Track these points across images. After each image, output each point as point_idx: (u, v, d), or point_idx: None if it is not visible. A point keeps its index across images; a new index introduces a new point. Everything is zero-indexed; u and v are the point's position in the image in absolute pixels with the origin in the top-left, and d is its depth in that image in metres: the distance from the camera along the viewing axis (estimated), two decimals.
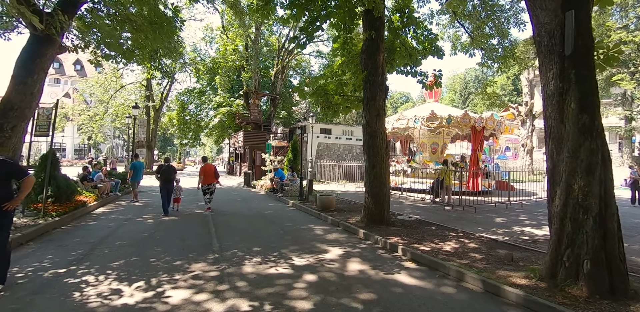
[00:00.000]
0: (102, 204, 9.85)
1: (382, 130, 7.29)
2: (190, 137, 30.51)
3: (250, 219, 8.01)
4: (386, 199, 7.27)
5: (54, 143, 7.92)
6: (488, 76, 75.31)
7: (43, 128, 7.33)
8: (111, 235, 6.16)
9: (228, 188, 16.26)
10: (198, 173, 9.34)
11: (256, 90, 22.74)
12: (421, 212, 9.20)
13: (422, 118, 12.56)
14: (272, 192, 12.99)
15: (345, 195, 12.62)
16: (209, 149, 74.08)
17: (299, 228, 7.00)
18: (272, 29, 30.32)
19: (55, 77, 57.01)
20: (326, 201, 8.96)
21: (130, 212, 8.73)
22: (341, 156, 22.80)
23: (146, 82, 25.72)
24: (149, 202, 10.69)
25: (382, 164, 7.21)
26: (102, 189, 10.37)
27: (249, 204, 10.63)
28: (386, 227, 6.95)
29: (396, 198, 11.99)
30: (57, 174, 8.05)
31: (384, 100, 7.37)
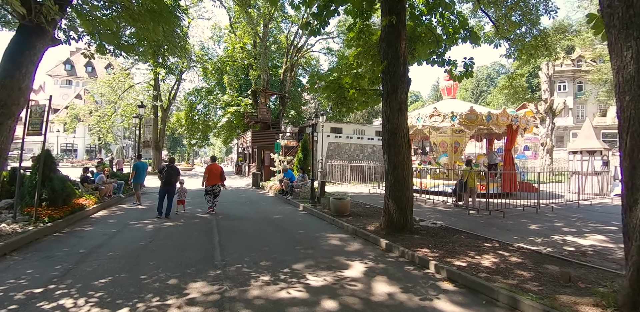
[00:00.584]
0: (102, 207, 9.31)
1: (404, 126, 6.52)
2: (199, 137, 30.15)
3: (258, 225, 7.33)
4: (409, 204, 6.51)
5: (44, 143, 7.37)
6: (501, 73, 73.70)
7: (36, 127, 6.80)
8: (105, 244, 5.55)
9: (236, 189, 15.66)
10: (204, 172, 8.95)
11: (265, 88, 22.14)
12: (444, 217, 8.40)
13: (461, 115, 11.67)
14: (281, 194, 12.32)
15: (359, 197, 11.85)
16: (218, 149, 74.08)
17: (312, 236, 6.28)
18: (280, 26, 29.75)
19: (67, 78, 57.76)
20: (340, 205, 8.22)
21: (131, 217, 8.15)
22: (352, 155, 22.02)
23: (154, 81, 25.40)
24: (152, 205, 10.11)
25: (405, 164, 6.45)
26: (104, 191, 9.85)
27: (257, 207, 9.97)
28: (410, 235, 6.19)
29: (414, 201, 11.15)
30: (52, 176, 7.52)
31: (406, 93, 6.60)
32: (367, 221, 7.62)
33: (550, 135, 27.78)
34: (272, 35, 26.80)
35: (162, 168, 8.46)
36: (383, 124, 6.70)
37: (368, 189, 14.50)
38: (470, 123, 11.80)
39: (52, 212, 6.93)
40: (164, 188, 8.15)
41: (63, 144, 49.14)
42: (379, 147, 23.36)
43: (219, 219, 7.86)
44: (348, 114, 9.13)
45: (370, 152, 22.77)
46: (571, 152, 17.48)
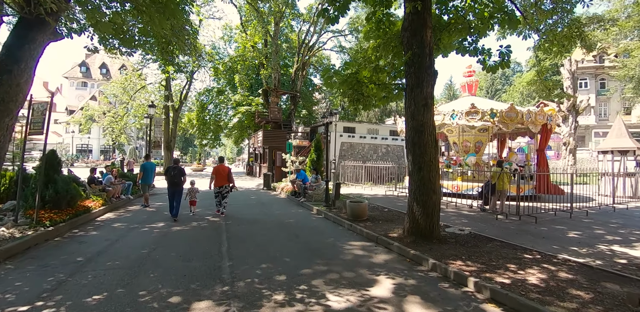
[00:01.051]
0: (110, 209, 8.99)
1: (430, 123, 5.91)
2: (210, 137, 29.96)
3: (271, 230, 6.82)
4: (436, 210, 5.90)
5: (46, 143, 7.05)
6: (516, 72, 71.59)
7: (37, 125, 6.46)
8: (105, 251, 5.13)
9: (247, 190, 15.25)
10: (211, 173, 8.71)
11: (276, 88, 21.72)
12: (471, 223, 7.74)
13: (500, 113, 10.94)
14: (293, 196, 11.82)
15: (375, 200, 11.24)
16: (229, 150, 74.34)
17: (330, 244, 5.72)
18: (291, 25, 29.34)
19: (82, 80, 58.85)
20: (358, 209, 7.65)
21: (137, 220, 7.77)
22: (365, 156, 21.39)
23: (165, 82, 25.32)
24: (160, 207, 9.76)
25: (431, 165, 5.84)
26: (111, 192, 9.53)
27: (268, 210, 9.48)
28: (438, 244, 5.58)
29: None
30: (56, 177, 7.19)
31: (432, 87, 5.99)
32: (387, 226, 7.03)
33: (574, 134, 26.54)
34: (283, 34, 26.39)
35: (167, 169, 8.24)
36: (407, 121, 6.10)
37: (384, 191, 13.86)
38: (510, 121, 11.01)
39: (54, 215, 6.59)
40: (170, 189, 7.95)
41: (79, 144, 50.05)
42: (393, 147, 22.65)
43: (228, 223, 7.40)
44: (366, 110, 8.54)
45: (385, 152, 22.10)
46: (600, 152, 16.45)
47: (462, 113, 10.99)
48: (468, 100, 13.94)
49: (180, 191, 8.01)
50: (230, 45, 31.18)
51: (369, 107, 8.00)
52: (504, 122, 10.89)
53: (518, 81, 64.25)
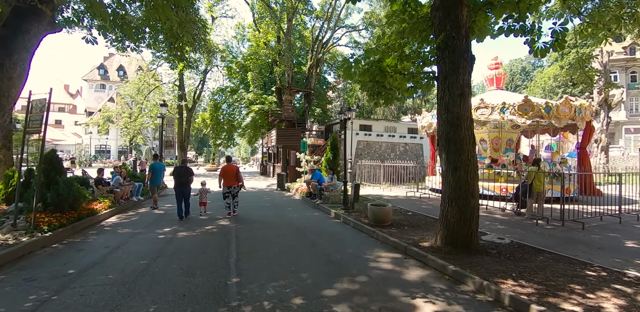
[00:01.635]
0: (117, 211, 8.56)
1: (467, 116, 5.13)
2: (224, 137, 29.72)
3: (285, 237, 6.16)
4: (475, 216, 5.11)
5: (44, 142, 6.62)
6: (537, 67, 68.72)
7: (36, 123, 6.03)
8: (102, 261, 4.59)
9: (260, 191, 14.71)
10: (218, 173, 8.50)
11: (289, 85, 21.13)
12: (508, 229, 6.89)
13: (513, 107, 10.01)
14: (308, 198, 11.16)
15: (396, 202, 10.44)
16: (244, 150, 74.58)
17: (353, 255, 5.01)
18: (304, 22, 28.72)
19: (101, 83, 60.11)
20: (381, 213, 6.91)
21: (143, 223, 7.27)
22: (383, 155, 20.54)
23: (179, 82, 25.19)
24: (169, 209, 9.29)
25: (469, 165, 5.05)
26: (119, 194, 9.12)
27: (282, 213, 8.85)
28: (478, 256, 4.80)
29: None
30: (58, 178, 6.76)
31: (470, 73, 5.19)
32: (414, 233, 6.27)
33: (606, 130, 24.90)
34: (296, 31, 25.77)
35: (175, 169, 8.11)
36: (439, 113, 5.33)
37: (404, 192, 13.03)
38: (563, 116, 10.01)
39: (54, 219, 6.14)
40: (178, 190, 7.90)
41: (97, 145, 51.07)
42: (411, 145, 21.69)
43: (239, 228, 6.79)
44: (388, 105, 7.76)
45: (403, 151, 21.18)
46: None
47: (514, 107, 9.94)
48: (489, 95, 12.97)
49: (188, 191, 7.95)
50: (243, 44, 30.89)
51: (390, 101, 7.24)
52: (558, 117, 9.88)
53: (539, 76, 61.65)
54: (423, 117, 13.99)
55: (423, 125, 13.86)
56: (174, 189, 7.89)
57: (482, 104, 10.82)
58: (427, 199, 11.70)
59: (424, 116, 13.87)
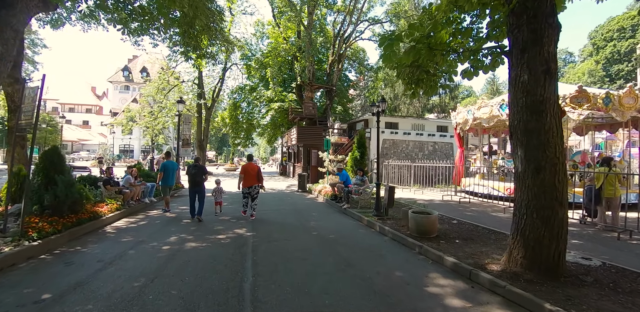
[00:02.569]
0: (125, 214, 7.79)
1: (554, 100, 3.89)
2: (243, 136, 29.13)
3: (311, 252, 5.09)
4: (563, 231, 3.87)
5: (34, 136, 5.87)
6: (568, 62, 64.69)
7: (28, 115, 5.27)
8: (88, 281, 3.69)
9: (280, 193, 13.76)
10: (239, 172, 8.05)
11: (310, 82, 20.14)
12: (586, 245, 5.58)
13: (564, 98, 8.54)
14: (333, 201, 10.09)
15: (433, 207, 9.18)
16: (263, 149, 74.47)
17: (401, 283, 3.86)
18: (325, 17, 27.72)
19: (125, 84, 61.48)
20: (426, 223, 5.72)
21: (149, 230, 6.42)
22: (410, 154, 19.18)
23: (198, 80, 24.77)
24: (182, 212, 8.47)
25: (557, 164, 3.82)
26: (128, 195, 8.37)
27: (305, 220, 7.81)
28: (573, 287, 3.58)
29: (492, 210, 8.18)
30: (58, 178, 6.00)
31: (555, 45, 3.95)
32: (470, 249, 5.06)
33: None
34: (316, 27, 24.73)
35: (188, 168, 7.82)
36: (514, 98, 4.11)
37: (440, 195, 11.71)
38: (627, 109, 8.48)
39: (47, 224, 5.36)
40: (191, 189, 7.62)
41: (121, 145, 52.14)
42: (441, 144, 20.19)
43: (256, 239, 5.78)
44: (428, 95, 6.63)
45: (431, 150, 19.73)
46: None
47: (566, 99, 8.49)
48: None
49: (201, 191, 7.59)
50: (262, 42, 30.23)
51: (433, 90, 6.06)
52: (620, 110, 8.34)
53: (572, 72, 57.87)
54: (458, 113, 12.63)
55: (458, 121, 12.51)
56: (188, 189, 7.65)
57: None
58: (467, 203, 10.35)
59: (458, 112, 12.52)
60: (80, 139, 57.17)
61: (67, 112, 66.52)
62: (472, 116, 11.38)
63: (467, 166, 13.34)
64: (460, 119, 12.35)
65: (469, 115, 11.49)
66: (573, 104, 8.35)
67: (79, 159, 45.98)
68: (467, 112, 11.72)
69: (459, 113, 12.55)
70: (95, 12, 9.28)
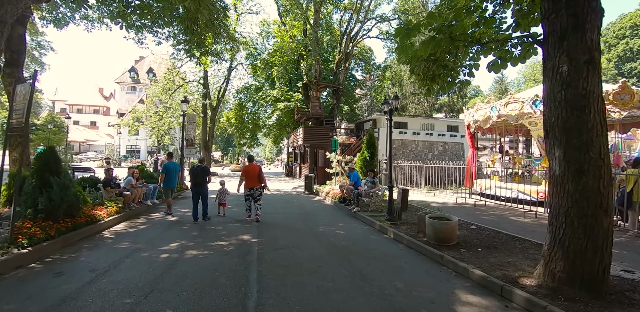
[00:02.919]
0: (125, 218, 7.47)
1: (598, 94, 3.44)
2: (248, 137, 28.86)
3: (322, 261, 4.68)
4: (608, 242, 3.41)
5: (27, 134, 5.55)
6: None
7: (19, 114, 4.95)
8: (75, 297, 3.33)
9: (286, 194, 13.38)
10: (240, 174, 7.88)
11: (317, 81, 19.75)
12: (622, 255, 5.08)
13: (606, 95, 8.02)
14: (342, 204, 9.67)
15: (447, 210, 8.72)
16: (269, 150, 74.29)
17: (425, 301, 3.42)
18: (331, 15, 27.31)
19: (132, 85, 61.79)
20: (445, 230, 5.28)
21: (149, 235, 6.07)
22: (419, 155, 18.67)
23: (203, 80, 24.55)
24: (185, 215, 8.14)
25: (602, 167, 3.36)
26: (129, 197, 8.05)
27: (314, 224, 7.40)
28: (622, 306, 3.11)
29: (511, 213, 7.69)
30: (53, 180, 5.68)
31: (598, 31, 3.50)
32: (494, 258, 4.62)
33: None
34: (322, 26, 24.34)
35: (190, 168, 7.80)
36: (550, 92, 3.66)
37: (453, 198, 11.21)
38: (622, 105, 7.98)
39: (40, 230, 5.03)
40: (194, 190, 7.54)
41: (128, 145, 52.34)
42: (451, 144, 19.65)
43: (261, 246, 5.38)
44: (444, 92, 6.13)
45: (441, 150, 19.19)
46: None
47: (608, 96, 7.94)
48: None
49: (204, 191, 7.53)
50: (268, 41, 29.95)
51: (450, 86, 5.66)
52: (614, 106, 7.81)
53: None
54: (477, 110, 12.05)
55: (476, 119, 11.94)
56: (191, 190, 7.59)
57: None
58: (483, 206, 9.85)
59: (477, 108, 11.95)
60: (87, 139, 57.57)
61: (75, 113, 67.15)
62: (496, 113, 10.81)
63: (482, 167, 12.81)
64: (480, 116, 11.77)
65: (492, 112, 10.93)
66: (616, 101, 7.80)
67: (86, 160, 46.27)
68: (490, 109, 11.13)
69: (477, 110, 11.96)
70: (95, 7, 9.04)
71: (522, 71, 67.17)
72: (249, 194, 7.51)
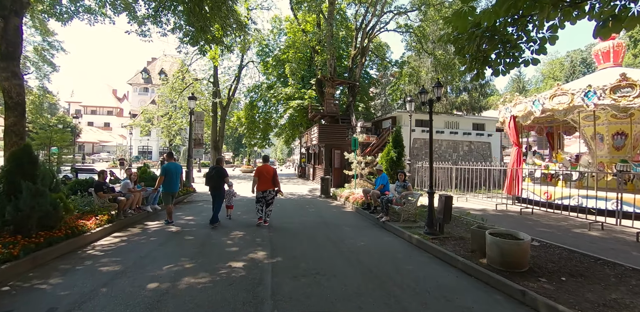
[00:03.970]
0: (117, 227, 6.45)
1: None
2: (259, 137, 27.90)
3: (359, 302, 3.47)
4: None
5: None
6: None
7: None
8: None
9: (301, 198, 12.25)
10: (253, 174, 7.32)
11: (332, 76, 18.58)
12: None
13: None
14: (365, 211, 8.47)
15: (491, 219, 7.41)
16: (280, 151, 73.51)
17: None
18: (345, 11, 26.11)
19: (144, 86, 62.00)
20: (516, 253, 4.02)
21: (140, 252, 4.98)
22: (443, 155, 17.28)
23: (213, 78, 23.77)
24: (189, 224, 7.11)
25: None
26: (124, 203, 7.04)
27: (337, 237, 6.22)
28: None
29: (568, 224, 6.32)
30: (24, 185, 4.67)
31: None
32: (591, 293, 3.39)
33: None
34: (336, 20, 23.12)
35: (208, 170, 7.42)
36: None
37: (492, 204, 9.85)
38: None
39: (2, 247, 4.02)
40: (211, 193, 7.12)
41: (140, 146, 52.32)
42: (477, 144, 18.17)
43: (277, 271, 4.22)
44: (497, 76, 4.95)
45: (467, 150, 17.74)
46: None
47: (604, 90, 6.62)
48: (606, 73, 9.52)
49: (220, 195, 7.13)
50: (279, 38, 28.99)
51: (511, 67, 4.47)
52: None
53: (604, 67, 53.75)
54: (515, 105, 10.71)
55: (514, 114, 10.62)
56: (210, 193, 7.18)
57: (625, 82, 7.52)
58: (529, 214, 8.49)
59: (516, 102, 10.63)
60: (100, 140, 57.96)
61: (89, 114, 67.94)
62: (539, 108, 9.48)
63: (530, 170, 11.34)
64: (519, 112, 10.44)
65: (534, 107, 9.61)
66: None
67: (98, 160, 46.37)
68: (532, 103, 9.80)
69: (516, 104, 10.62)
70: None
71: (541, 69, 64.76)
72: (262, 196, 7.08)
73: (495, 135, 18.05)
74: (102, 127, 66.85)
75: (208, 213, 8.21)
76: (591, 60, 60.23)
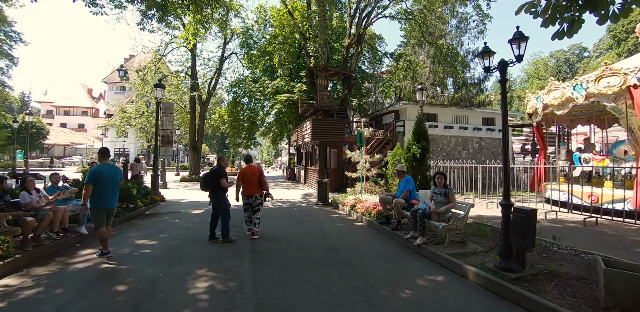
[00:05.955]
0: (15, 266, 4.10)
1: None
2: (244, 136, 25.47)
3: None
4: None
5: None
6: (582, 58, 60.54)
7: None
8: None
9: (293, 207, 10.03)
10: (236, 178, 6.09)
11: (325, 66, 16.44)
12: None
13: None
14: (384, 225, 6.35)
15: (553, 233, 5.41)
16: (266, 152, 70.86)
17: None
18: None
19: (121, 85, 58.42)
20: None
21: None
22: (451, 153, 15.40)
23: (191, 70, 21.31)
24: (132, 256, 4.81)
25: None
26: (30, 225, 4.68)
27: (360, 281, 4.07)
28: None
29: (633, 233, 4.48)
30: None
31: None
32: None
33: None
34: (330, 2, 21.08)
35: None
36: None
37: (541, 212, 7.89)
38: None
39: None
40: (212, 201, 5.88)
41: (116, 148, 48.92)
42: (488, 140, 16.37)
43: None
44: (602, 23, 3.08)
45: (477, 147, 15.92)
46: None
47: None
48: None
49: (221, 203, 5.79)
50: (265, 29, 26.71)
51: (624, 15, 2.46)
52: None
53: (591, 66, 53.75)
54: (548, 91, 8.91)
55: (548, 103, 8.82)
56: None
57: None
58: (593, 225, 6.56)
59: (549, 89, 8.85)
60: (73, 143, 54.12)
61: (62, 115, 63.77)
62: (582, 93, 7.71)
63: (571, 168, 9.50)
64: (553, 100, 8.66)
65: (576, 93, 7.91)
66: None
67: (70, 164, 42.83)
68: (572, 88, 8.06)
69: (550, 91, 8.82)
70: None
71: (525, 69, 65.16)
72: (247, 203, 6.07)
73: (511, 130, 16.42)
74: (75, 128, 62.81)
75: (170, 233, 6.03)
76: (574, 60, 60.48)
